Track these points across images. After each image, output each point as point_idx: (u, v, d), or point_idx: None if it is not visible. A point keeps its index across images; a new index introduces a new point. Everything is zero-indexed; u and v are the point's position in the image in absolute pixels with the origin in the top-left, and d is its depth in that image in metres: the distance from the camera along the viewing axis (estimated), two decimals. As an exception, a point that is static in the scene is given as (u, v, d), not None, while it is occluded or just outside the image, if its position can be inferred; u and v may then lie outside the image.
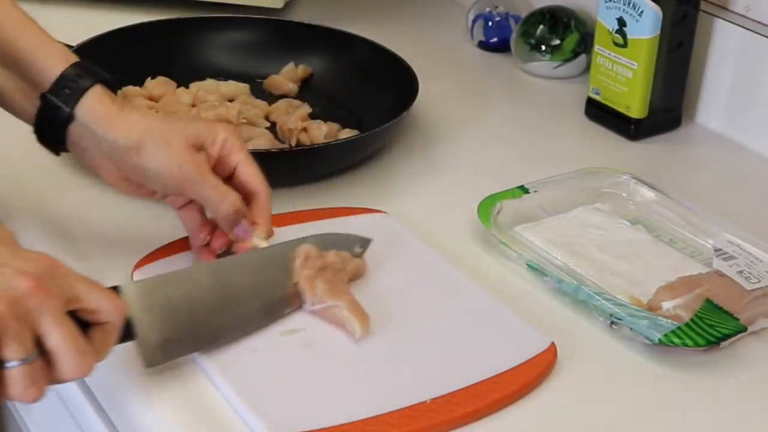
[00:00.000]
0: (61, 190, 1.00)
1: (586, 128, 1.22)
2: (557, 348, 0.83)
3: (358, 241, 0.90)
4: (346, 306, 0.82)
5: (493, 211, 0.97)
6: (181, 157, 0.85)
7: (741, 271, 0.90)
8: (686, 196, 1.02)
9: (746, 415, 0.81)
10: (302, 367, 0.80)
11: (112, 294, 0.72)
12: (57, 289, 0.68)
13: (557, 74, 1.32)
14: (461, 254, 0.95)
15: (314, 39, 1.26)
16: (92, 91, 0.85)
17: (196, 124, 0.89)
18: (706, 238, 0.97)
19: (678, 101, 1.22)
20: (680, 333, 0.83)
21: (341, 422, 0.74)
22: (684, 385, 0.83)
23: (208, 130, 0.88)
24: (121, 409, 0.80)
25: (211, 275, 0.82)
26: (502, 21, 1.38)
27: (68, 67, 0.85)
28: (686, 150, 1.20)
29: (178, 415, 0.76)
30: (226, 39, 1.26)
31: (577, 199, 1.02)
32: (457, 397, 0.77)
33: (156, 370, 0.78)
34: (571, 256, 0.93)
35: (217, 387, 0.78)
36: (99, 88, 0.85)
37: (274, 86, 1.21)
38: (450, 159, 1.13)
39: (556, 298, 0.91)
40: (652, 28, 1.14)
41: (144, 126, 0.85)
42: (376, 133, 1.07)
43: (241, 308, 0.81)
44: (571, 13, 1.31)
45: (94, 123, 0.85)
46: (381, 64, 1.19)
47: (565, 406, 0.80)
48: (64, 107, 0.85)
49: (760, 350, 0.87)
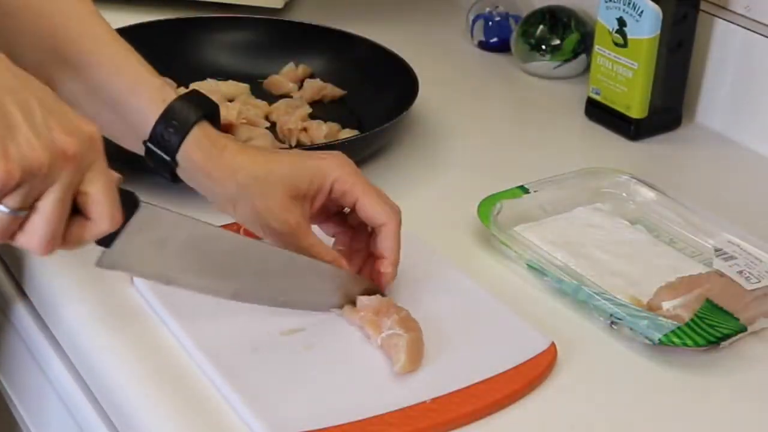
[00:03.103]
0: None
1: (586, 128, 1.22)
2: (557, 348, 0.83)
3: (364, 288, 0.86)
4: (408, 340, 0.80)
5: (493, 211, 0.97)
6: (278, 217, 0.82)
7: (741, 271, 0.90)
8: (686, 196, 1.02)
9: (746, 415, 0.81)
10: (302, 367, 0.80)
11: (116, 208, 0.70)
12: (85, 169, 0.68)
13: (557, 74, 1.32)
14: (461, 254, 0.95)
15: (314, 39, 1.26)
16: (191, 135, 0.82)
17: (300, 170, 0.83)
18: (706, 238, 0.97)
19: (678, 101, 1.22)
20: (680, 333, 0.83)
21: (341, 422, 0.74)
22: (684, 385, 0.83)
23: (312, 177, 0.83)
24: (121, 410, 0.80)
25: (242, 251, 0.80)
26: (502, 21, 1.38)
27: (164, 110, 0.82)
28: (686, 150, 1.20)
29: (177, 416, 0.76)
30: (226, 39, 1.26)
31: (577, 199, 1.02)
32: (457, 397, 0.77)
33: (156, 370, 0.79)
34: (571, 256, 0.93)
35: (217, 387, 0.78)
36: (198, 130, 0.82)
37: (274, 86, 1.21)
38: (450, 159, 1.13)
39: (556, 298, 0.91)
40: (652, 28, 1.14)
41: (242, 177, 0.82)
42: (376, 133, 1.07)
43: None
44: (571, 13, 1.31)
45: (196, 172, 0.83)
46: (381, 64, 1.20)
47: (565, 406, 0.80)
48: (165, 156, 0.82)
49: (760, 350, 0.87)
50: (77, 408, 0.89)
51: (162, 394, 0.78)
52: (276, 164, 0.84)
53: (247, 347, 0.81)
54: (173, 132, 0.82)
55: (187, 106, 0.83)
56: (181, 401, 0.77)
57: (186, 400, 0.77)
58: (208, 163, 0.82)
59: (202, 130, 0.83)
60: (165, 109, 0.82)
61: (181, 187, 0.86)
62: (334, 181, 0.84)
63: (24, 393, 1.02)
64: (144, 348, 0.82)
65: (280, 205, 0.82)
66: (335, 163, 0.84)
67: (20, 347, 0.98)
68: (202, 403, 0.77)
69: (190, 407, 0.77)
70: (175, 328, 0.83)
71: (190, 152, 0.82)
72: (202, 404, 0.77)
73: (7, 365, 1.04)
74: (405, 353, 0.79)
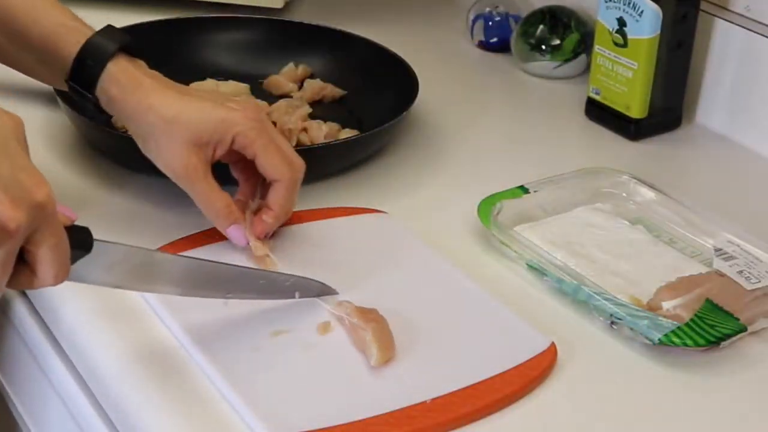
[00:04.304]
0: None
1: (586, 128, 1.22)
2: (557, 348, 0.83)
3: (321, 290, 0.87)
4: (371, 331, 0.81)
5: (493, 211, 0.97)
6: (175, 159, 0.86)
7: (741, 271, 0.90)
8: (686, 196, 1.02)
9: (746, 415, 0.81)
10: (302, 367, 0.80)
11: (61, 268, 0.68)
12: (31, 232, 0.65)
13: (557, 74, 1.32)
14: (461, 254, 0.95)
15: (314, 39, 1.26)
16: (107, 72, 0.86)
17: (205, 118, 0.87)
18: (706, 238, 0.97)
19: (678, 101, 1.22)
20: (680, 333, 0.83)
21: (341, 422, 0.74)
22: (684, 385, 0.83)
23: (216, 127, 0.87)
24: (121, 410, 0.80)
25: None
26: (502, 21, 1.38)
27: (80, 48, 0.87)
28: (686, 150, 1.20)
29: (177, 416, 0.76)
30: (226, 39, 1.26)
31: (577, 199, 1.02)
32: (457, 397, 0.77)
33: (156, 370, 0.78)
34: (571, 256, 0.93)
35: (218, 387, 0.78)
36: (113, 65, 0.87)
37: (274, 86, 1.21)
38: (450, 159, 1.13)
39: (556, 298, 0.91)
40: (652, 28, 1.14)
41: (151, 116, 0.86)
42: (376, 133, 1.07)
43: None
44: (571, 13, 1.31)
45: (113, 106, 0.87)
46: (381, 64, 1.19)
47: (565, 406, 0.80)
48: (85, 93, 0.87)
49: (760, 350, 0.87)
50: (77, 408, 0.89)
51: (162, 394, 0.78)
52: (184, 108, 0.87)
53: (247, 347, 0.81)
54: (91, 66, 0.87)
55: (102, 42, 0.88)
56: (181, 401, 0.77)
57: (186, 400, 0.77)
58: (123, 99, 0.87)
59: (118, 65, 0.88)
60: (82, 47, 0.88)
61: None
62: (236, 134, 0.87)
63: (24, 393, 1.02)
64: (144, 348, 0.82)
65: (180, 149, 0.86)
66: (241, 116, 0.88)
67: (20, 347, 0.98)
68: (202, 403, 0.77)
69: (190, 407, 0.77)
70: (175, 327, 0.83)
71: (107, 88, 0.88)
72: (202, 404, 0.77)
73: (7, 365, 1.04)
74: (375, 346, 0.79)
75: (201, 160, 0.87)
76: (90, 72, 0.88)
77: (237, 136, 0.87)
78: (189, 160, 0.87)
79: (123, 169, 1.03)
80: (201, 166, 0.87)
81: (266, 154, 0.88)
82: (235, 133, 0.87)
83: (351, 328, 0.82)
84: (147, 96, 0.88)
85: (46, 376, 0.94)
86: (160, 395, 0.78)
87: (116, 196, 1.00)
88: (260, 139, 0.88)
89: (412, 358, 0.81)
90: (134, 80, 0.88)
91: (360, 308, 0.83)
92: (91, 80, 0.88)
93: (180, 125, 0.87)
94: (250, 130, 0.87)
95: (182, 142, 0.86)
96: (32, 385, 0.99)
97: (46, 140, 1.08)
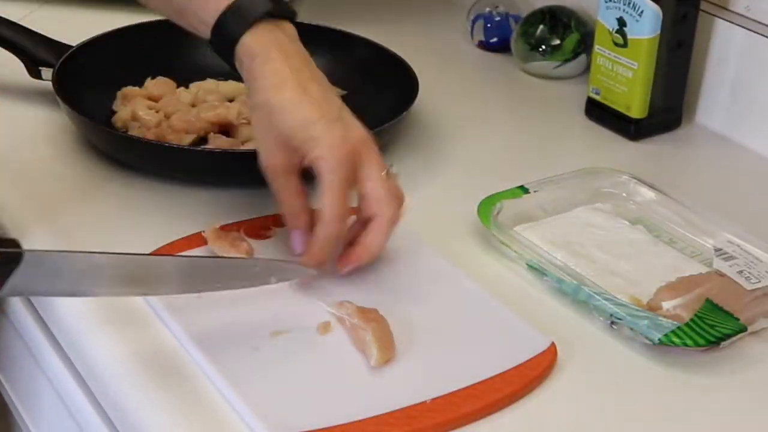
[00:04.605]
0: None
1: (586, 128, 1.22)
2: (557, 348, 0.83)
3: (296, 272, 0.87)
4: (371, 331, 0.81)
5: (493, 211, 0.97)
6: (263, 151, 0.87)
7: (741, 271, 0.90)
8: (686, 196, 1.02)
9: (746, 415, 0.81)
10: (302, 367, 0.80)
11: None
12: None
13: (557, 74, 1.32)
14: (461, 254, 0.95)
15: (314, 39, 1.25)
16: (246, 37, 0.88)
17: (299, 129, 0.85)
18: (706, 238, 0.97)
19: (678, 101, 1.22)
20: (680, 333, 0.83)
21: (341, 422, 0.74)
22: (684, 385, 0.83)
23: (302, 144, 0.85)
24: (121, 409, 0.80)
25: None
26: (502, 21, 1.38)
27: (228, 5, 0.88)
28: (686, 150, 1.20)
29: (177, 415, 0.76)
30: (226, 39, 1.25)
31: (577, 199, 1.02)
32: (457, 397, 0.77)
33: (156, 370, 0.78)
34: (571, 256, 0.93)
35: (217, 387, 0.78)
36: (250, 36, 0.88)
37: (274, 86, 1.21)
38: (450, 159, 1.13)
39: (556, 298, 0.91)
40: (652, 28, 1.14)
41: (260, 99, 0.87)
42: (375, 133, 1.06)
43: None
44: (571, 13, 1.31)
45: (242, 71, 0.89)
46: (381, 64, 1.19)
47: (565, 406, 0.80)
48: (222, 53, 0.90)
49: (760, 350, 0.87)
50: (77, 407, 0.89)
51: (162, 394, 0.78)
52: (288, 107, 0.86)
53: (247, 347, 0.81)
54: (230, 31, 0.88)
55: (251, 4, 0.88)
56: (181, 401, 0.77)
57: (186, 399, 0.77)
58: (250, 69, 0.87)
59: (255, 36, 0.88)
60: (229, 5, 0.88)
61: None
62: (314, 158, 0.86)
63: (23, 392, 1.02)
64: (143, 347, 0.82)
65: (270, 142, 0.87)
66: (326, 145, 0.85)
67: (20, 346, 0.98)
68: (202, 402, 0.77)
69: (190, 406, 0.77)
70: (175, 327, 0.83)
71: (241, 54, 0.88)
72: (202, 404, 0.77)
73: (6, 364, 1.04)
74: (375, 346, 0.79)
75: (287, 160, 0.86)
76: (233, 30, 0.88)
77: (314, 161, 0.85)
78: (274, 159, 0.87)
79: (123, 169, 1.03)
80: (285, 167, 0.87)
81: (326, 192, 0.85)
82: (314, 158, 0.85)
83: (351, 328, 0.82)
84: (268, 77, 0.87)
85: (45, 375, 0.94)
86: (159, 394, 0.78)
87: (116, 196, 1.00)
88: (327, 175, 0.85)
89: (412, 358, 0.81)
90: (264, 54, 0.88)
91: (360, 308, 0.83)
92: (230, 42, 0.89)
93: (277, 122, 0.86)
94: (324, 161, 0.85)
95: (274, 137, 0.86)
96: (31, 384, 0.99)
97: (46, 140, 1.09)
